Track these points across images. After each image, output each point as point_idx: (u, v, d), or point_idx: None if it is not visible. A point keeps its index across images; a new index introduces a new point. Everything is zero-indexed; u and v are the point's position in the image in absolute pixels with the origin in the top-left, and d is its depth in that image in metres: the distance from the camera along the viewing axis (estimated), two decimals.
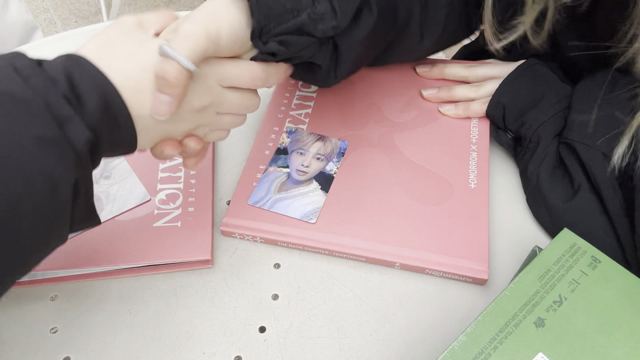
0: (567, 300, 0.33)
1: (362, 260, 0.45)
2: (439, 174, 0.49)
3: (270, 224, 0.46)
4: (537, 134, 0.47)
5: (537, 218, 0.47)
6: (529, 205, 0.48)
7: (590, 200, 0.43)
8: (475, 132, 0.53)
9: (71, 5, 1.96)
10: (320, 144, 0.52)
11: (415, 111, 0.55)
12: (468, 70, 0.56)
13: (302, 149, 0.51)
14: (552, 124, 0.47)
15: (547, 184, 0.45)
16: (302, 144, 0.52)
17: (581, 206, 0.43)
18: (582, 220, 0.43)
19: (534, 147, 0.47)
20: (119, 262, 0.43)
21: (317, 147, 0.51)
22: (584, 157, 0.43)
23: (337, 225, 0.46)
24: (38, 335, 0.41)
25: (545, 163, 0.46)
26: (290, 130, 0.53)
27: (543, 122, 0.47)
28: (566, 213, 0.44)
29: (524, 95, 0.49)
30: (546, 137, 0.47)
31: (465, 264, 0.43)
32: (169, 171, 0.50)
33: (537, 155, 0.47)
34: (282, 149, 0.51)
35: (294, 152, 0.51)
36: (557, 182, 0.45)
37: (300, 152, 0.51)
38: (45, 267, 0.43)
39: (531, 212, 0.48)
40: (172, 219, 0.46)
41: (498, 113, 0.51)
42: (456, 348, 0.31)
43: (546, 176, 0.46)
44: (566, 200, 0.44)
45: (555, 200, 0.45)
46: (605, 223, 0.43)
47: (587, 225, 0.43)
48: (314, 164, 0.50)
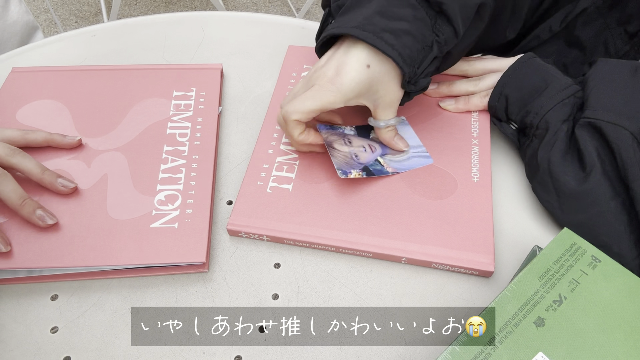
0: (567, 300, 0.33)
1: (369, 256, 0.45)
2: (442, 169, 0.50)
3: (276, 222, 0.46)
4: (545, 120, 0.47)
5: (545, 205, 0.47)
6: (535, 193, 0.48)
7: (602, 185, 0.43)
8: (476, 126, 0.53)
9: (71, 5, 1.96)
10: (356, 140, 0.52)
11: (416, 107, 0.56)
12: (467, 64, 0.56)
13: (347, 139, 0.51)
14: (560, 110, 0.47)
15: (560, 168, 0.45)
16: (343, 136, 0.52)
17: (593, 190, 0.43)
18: (593, 204, 0.43)
19: (542, 133, 0.47)
20: (115, 261, 0.43)
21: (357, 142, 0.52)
22: (612, 137, 0.43)
23: (342, 221, 0.46)
24: (38, 335, 0.41)
25: (556, 147, 0.46)
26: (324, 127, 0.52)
27: (550, 108, 0.47)
28: (577, 197, 0.44)
29: (528, 85, 0.50)
30: (555, 122, 0.47)
31: (471, 256, 0.44)
32: (169, 172, 0.50)
33: (547, 141, 0.47)
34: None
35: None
36: (568, 166, 0.45)
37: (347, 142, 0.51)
38: (44, 264, 0.43)
39: (539, 199, 0.48)
40: (169, 220, 0.46)
41: (501, 104, 0.51)
42: (456, 348, 0.31)
43: (558, 160, 0.46)
44: (578, 183, 0.44)
45: (567, 184, 0.44)
46: (616, 208, 0.43)
47: (598, 209, 0.43)
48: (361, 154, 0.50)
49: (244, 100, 0.60)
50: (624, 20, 0.53)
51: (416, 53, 0.43)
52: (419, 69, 0.45)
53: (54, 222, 0.45)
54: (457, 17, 0.44)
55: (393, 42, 0.42)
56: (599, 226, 0.43)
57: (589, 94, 0.46)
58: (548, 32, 0.57)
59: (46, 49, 0.66)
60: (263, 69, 0.63)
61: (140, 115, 0.55)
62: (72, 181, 0.48)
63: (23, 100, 0.57)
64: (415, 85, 0.46)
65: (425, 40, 0.44)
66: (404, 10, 0.44)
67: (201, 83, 0.59)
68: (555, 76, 0.49)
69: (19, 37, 0.85)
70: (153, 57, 0.64)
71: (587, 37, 0.55)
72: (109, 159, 0.51)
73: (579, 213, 0.44)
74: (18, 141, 0.50)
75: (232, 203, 0.50)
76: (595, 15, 0.54)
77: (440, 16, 0.45)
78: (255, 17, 0.70)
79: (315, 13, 1.96)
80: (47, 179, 0.47)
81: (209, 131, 0.54)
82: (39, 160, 0.50)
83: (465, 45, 0.49)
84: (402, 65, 0.43)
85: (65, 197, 0.48)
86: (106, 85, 0.59)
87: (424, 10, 0.44)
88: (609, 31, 0.54)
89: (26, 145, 0.50)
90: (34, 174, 0.47)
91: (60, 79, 0.59)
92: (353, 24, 0.44)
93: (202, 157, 0.51)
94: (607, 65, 0.47)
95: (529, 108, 0.49)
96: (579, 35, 0.55)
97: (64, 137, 0.51)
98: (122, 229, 0.46)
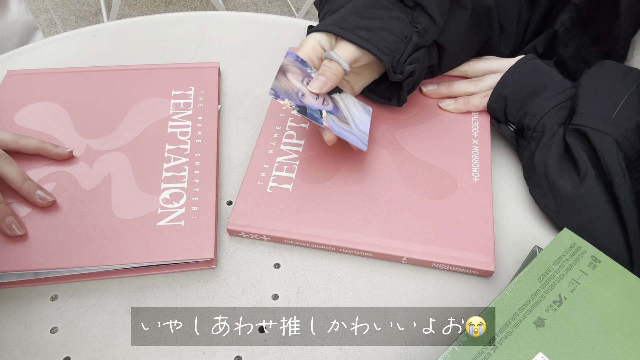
0: (567, 300, 0.33)
1: (369, 255, 0.45)
2: (442, 169, 0.50)
3: (276, 222, 0.46)
4: (542, 122, 0.48)
5: (542, 207, 0.47)
6: (532, 195, 0.48)
7: (597, 188, 0.43)
8: (477, 126, 0.53)
9: (71, 5, 1.96)
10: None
11: (416, 108, 0.56)
12: (467, 65, 0.57)
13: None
14: (556, 114, 0.47)
15: (556, 172, 0.45)
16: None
17: (589, 193, 0.43)
18: (589, 207, 0.43)
19: (539, 136, 0.48)
20: (123, 261, 0.43)
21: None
22: (597, 144, 0.43)
23: (343, 221, 0.46)
24: (38, 335, 0.41)
25: (553, 151, 0.46)
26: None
27: (547, 111, 0.48)
28: (574, 200, 0.44)
29: (526, 87, 0.50)
30: (551, 126, 0.47)
31: (472, 256, 0.44)
32: (172, 170, 0.50)
33: (543, 144, 0.47)
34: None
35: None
36: (565, 170, 0.45)
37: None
38: (51, 265, 0.43)
39: (535, 201, 0.48)
40: (175, 218, 0.46)
41: (500, 105, 0.52)
42: (456, 348, 0.31)
43: (554, 164, 0.46)
44: (574, 187, 0.44)
45: (564, 187, 0.45)
46: (611, 211, 0.43)
47: (594, 213, 0.43)
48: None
49: (244, 100, 0.60)
50: (596, 39, 0.54)
51: (394, 44, 0.47)
52: (401, 58, 0.48)
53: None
54: (433, 6, 0.48)
55: (368, 36, 0.47)
56: (595, 229, 0.43)
57: (578, 99, 0.46)
58: (534, 53, 0.58)
59: (46, 49, 0.66)
60: (263, 69, 0.63)
61: (140, 115, 0.55)
62: (51, 194, 0.47)
63: (21, 103, 0.57)
64: (401, 74, 0.48)
65: (404, 33, 0.48)
66: (377, 11, 0.48)
67: (199, 82, 0.59)
68: (553, 79, 0.49)
69: (19, 37, 0.85)
70: (153, 57, 0.64)
71: (568, 57, 0.56)
72: (111, 159, 0.51)
73: (576, 216, 0.44)
74: (9, 145, 0.49)
75: (232, 203, 0.50)
76: (570, 36, 0.55)
77: (416, 9, 0.49)
78: (255, 17, 0.71)
79: (315, 13, 1.96)
80: (27, 189, 0.47)
81: (209, 129, 0.54)
82: (40, 160, 0.50)
83: (457, 36, 0.51)
84: (379, 55, 0.46)
85: (69, 198, 0.48)
86: (103, 86, 0.59)
87: (398, 9, 0.48)
88: (586, 50, 0.55)
89: (18, 150, 0.50)
90: (14, 181, 0.47)
91: (57, 80, 0.59)
92: (331, 22, 0.48)
93: (204, 154, 0.52)
94: (599, 69, 0.48)
95: (526, 110, 0.49)
96: (562, 54, 0.56)
97: (55, 147, 0.51)
98: (128, 228, 0.46)
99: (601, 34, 0.53)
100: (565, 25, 0.54)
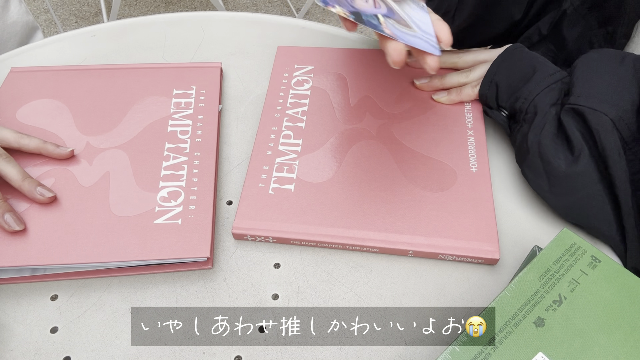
0: (567, 300, 0.33)
1: (376, 251, 0.46)
2: (440, 161, 0.50)
3: (281, 223, 0.46)
4: (534, 104, 0.48)
5: (535, 188, 0.48)
6: (525, 177, 0.49)
7: (591, 167, 0.44)
8: (470, 117, 0.54)
9: (71, 5, 1.96)
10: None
11: (410, 101, 0.56)
12: (457, 57, 0.58)
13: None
14: (547, 95, 0.48)
15: (550, 151, 0.46)
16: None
17: (583, 172, 0.44)
18: (582, 187, 0.44)
19: (531, 117, 0.48)
20: (119, 258, 0.43)
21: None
22: (593, 123, 0.44)
23: (347, 219, 0.46)
24: (38, 335, 0.41)
25: (546, 130, 0.47)
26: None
27: (538, 93, 0.48)
28: (567, 179, 0.44)
29: (517, 72, 0.51)
30: (543, 106, 0.48)
31: (476, 245, 0.44)
32: (171, 169, 0.50)
33: (536, 124, 0.47)
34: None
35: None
36: (559, 149, 0.46)
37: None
38: (48, 261, 0.43)
39: (528, 182, 0.48)
40: (172, 217, 0.46)
41: (491, 92, 0.52)
42: (456, 348, 0.31)
43: (548, 143, 0.46)
44: (568, 166, 0.45)
45: (558, 166, 0.45)
46: (603, 190, 0.44)
47: (586, 192, 0.44)
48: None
49: (244, 100, 0.60)
50: (604, 21, 0.54)
51: None
52: None
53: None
54: None
55: None
56: (587, 208, 0.44)
57: (574, 81, 0.47)
58: (538, 35, 0.59)
59: (46, 49, 0.66)
60: (263, 69, 0.63)
61: (141, 113, 0.55)
62: (51, 190, 0.48)
63: (23, 100, 0.57)
64: None
65: None
66: None
67: (201, 81, 0.59)
68: (543, 63, 0.50)
69: (19, 37, 0.85)
70: (153, 58, 0.64)
71: (573, 39, 0.56)
72: (111, 157, 0.51)
73: (569, 195, 0.45)
74: (11, 143, 0.50)
75: (232, 203, 0.50)
76: (577, 17, 0.55)
77: None
78: (255, 17, 0.71)
79: (315, 13, 1.96)
80: (27, 187, 0.47)
81: (209, 129, 0.54)
82: (39, 157, 0.50)
83: None
84: None
85: (68, 195, 0.48)
86: (106, 84, 0.59)
87: None
88: (592, 32, 0.55)
89: (19, 148, 0.50)
90: (14, 180, 0.47)
91: (59, 78, 0.59)
92: None
93: (203, 154, 0.52)
94: (595, 54, 0.48)
95: (518, 94, 0.50)
96: (566, 36, 0.57)
97: (56, 147, 0.51)
98: (125, 226, 0.46)
99: (610, 16, 0.53)
100: (575, 5, 0.55)
